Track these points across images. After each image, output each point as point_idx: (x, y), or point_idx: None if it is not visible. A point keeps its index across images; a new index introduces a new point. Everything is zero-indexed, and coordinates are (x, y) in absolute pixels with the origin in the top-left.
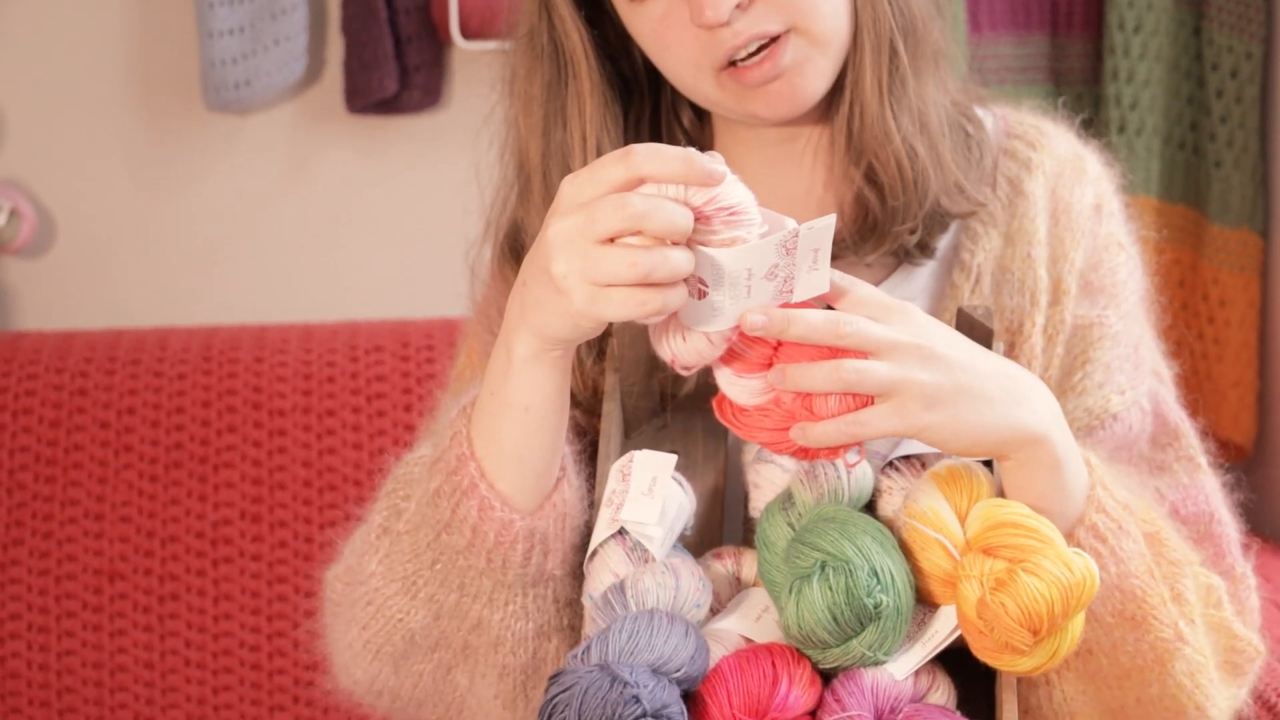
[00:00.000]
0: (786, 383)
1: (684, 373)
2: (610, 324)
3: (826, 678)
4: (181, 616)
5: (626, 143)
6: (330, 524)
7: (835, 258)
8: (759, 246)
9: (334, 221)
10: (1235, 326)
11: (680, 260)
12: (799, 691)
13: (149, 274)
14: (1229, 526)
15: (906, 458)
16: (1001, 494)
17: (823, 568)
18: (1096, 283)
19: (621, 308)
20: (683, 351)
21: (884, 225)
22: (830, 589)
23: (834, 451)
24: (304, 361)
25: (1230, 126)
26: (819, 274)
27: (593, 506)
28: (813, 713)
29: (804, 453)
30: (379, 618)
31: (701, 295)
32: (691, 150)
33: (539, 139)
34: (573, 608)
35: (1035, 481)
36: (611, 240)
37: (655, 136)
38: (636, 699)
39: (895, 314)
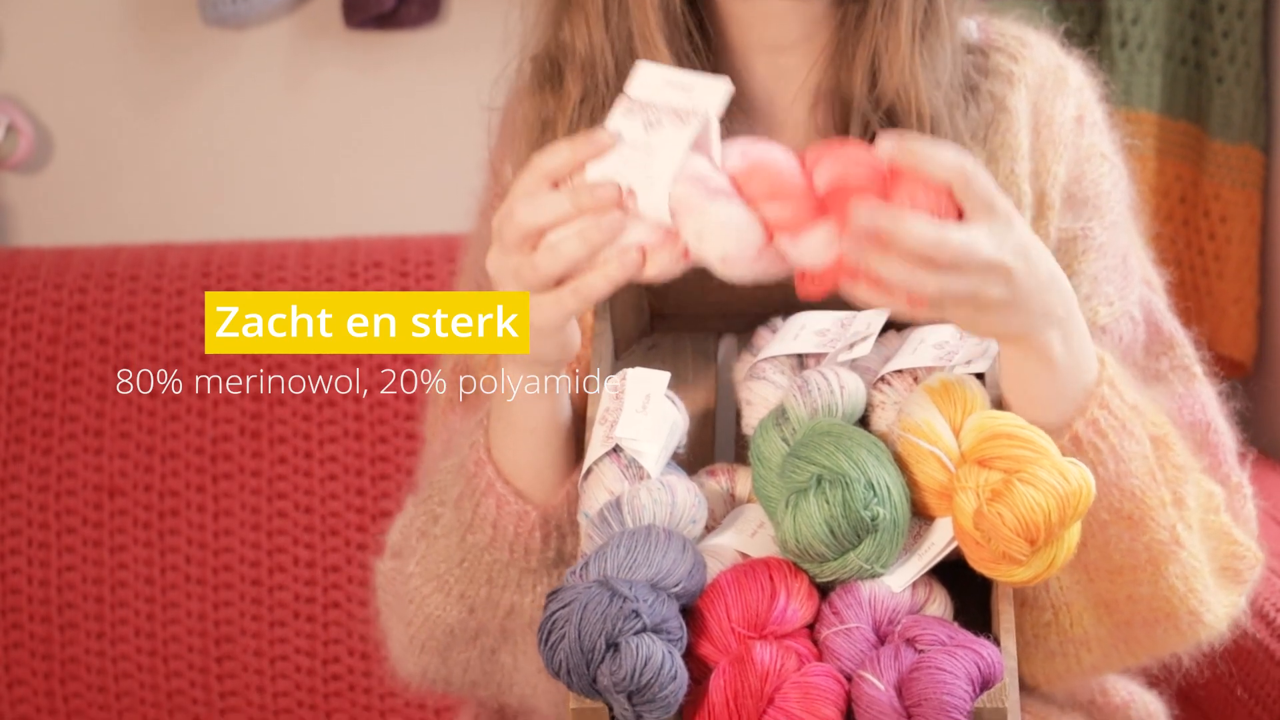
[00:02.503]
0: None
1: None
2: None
3: (824, 591)
4: (181, 532)
5: None
6: (330, 440)
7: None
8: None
9: (332, 137)
10: (1236, 243)
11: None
12: (797, 605)
13: (147, 189)
14: (1225, 435)
15: (899, 371)
16: (999, 405)
17: (819, 481)
18: (1080, 195)
19: (593, 286)
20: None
21: None
22: (827, 502)
23: None
24: (303, 278)
25: (1232, 41)
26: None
27: (585, 425)
28: (811, 626)
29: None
30: (419, 615)
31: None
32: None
33: None
34: None
35: (1026, 375)
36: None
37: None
38: (636, 613)
39: (997, 216)
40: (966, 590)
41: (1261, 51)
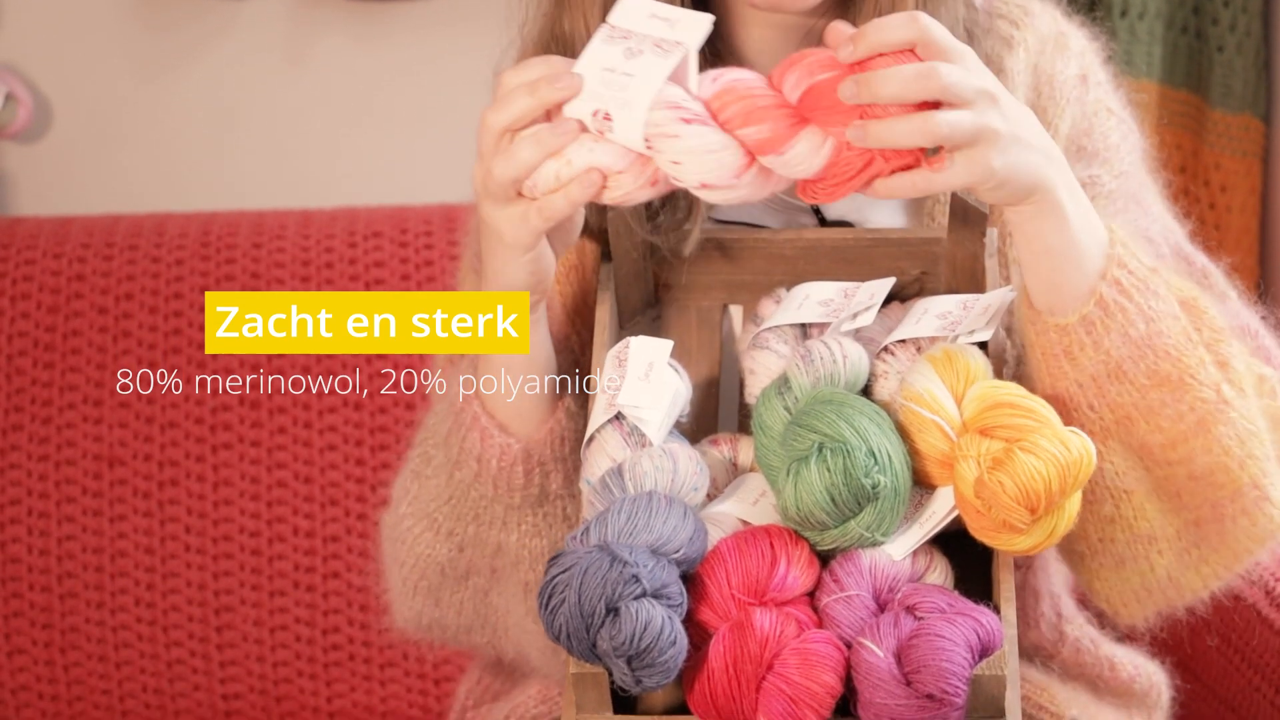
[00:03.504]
0: (869, 139)
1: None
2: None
3: (824, 560)
4: (181, 502)
5: None
6: (329, 409)
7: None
8: (597, 46)
9: (332, 107)
10: (1236, 212)
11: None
12: (797, 572)
13: (146, 159)
14: (1271, 340)
15: (902, 341)
16: (1003, 377)
17: (820, 449)
18: (1089, 147)
19: (554, 205)
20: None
21: None
22: (828, 470)
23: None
24: (302, 247)
25: (1233, 10)
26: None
27: (588, 394)
28: (811, 593)
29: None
30: (411, 555)
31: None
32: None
33: None
34: None
35: (1044, 232)
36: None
37: None
38: (636, 578)
39: (964, 55)
40: (967, 560)
41: (1262, 20)
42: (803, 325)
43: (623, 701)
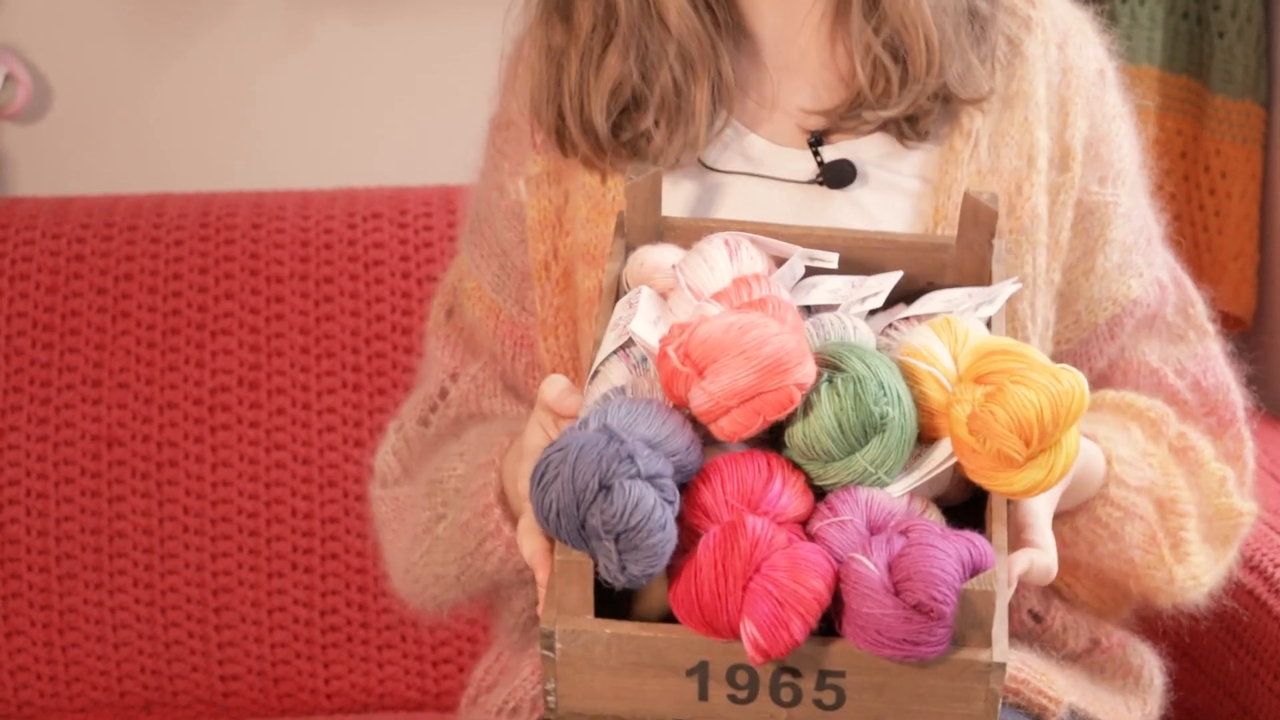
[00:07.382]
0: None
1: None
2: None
3: (822, 497)
4: (180, 483)
5: None
6: (328, 391)
7: (829, 131)
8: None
9: (331, 88)
10: (1236, 198)
11: None
12: (792, 494)
13: (146, 139)
14: (1237, 394)
15: (906, 318)
16: None
17: (830, 379)
18: (1106, 157)
19: None
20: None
21: (897, 98)
22: (838, 395)
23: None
24: (301, 228)
25: None
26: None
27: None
28: (805, 523)
29: None
30: (418, 584)
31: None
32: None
33: None
34: None
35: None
36: None
37: None
38: (631, 458)
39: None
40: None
41: (1263, 6)
42: (809, 307)
43: (605, 607)
